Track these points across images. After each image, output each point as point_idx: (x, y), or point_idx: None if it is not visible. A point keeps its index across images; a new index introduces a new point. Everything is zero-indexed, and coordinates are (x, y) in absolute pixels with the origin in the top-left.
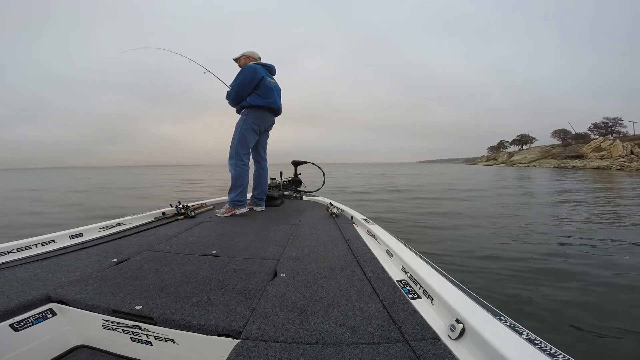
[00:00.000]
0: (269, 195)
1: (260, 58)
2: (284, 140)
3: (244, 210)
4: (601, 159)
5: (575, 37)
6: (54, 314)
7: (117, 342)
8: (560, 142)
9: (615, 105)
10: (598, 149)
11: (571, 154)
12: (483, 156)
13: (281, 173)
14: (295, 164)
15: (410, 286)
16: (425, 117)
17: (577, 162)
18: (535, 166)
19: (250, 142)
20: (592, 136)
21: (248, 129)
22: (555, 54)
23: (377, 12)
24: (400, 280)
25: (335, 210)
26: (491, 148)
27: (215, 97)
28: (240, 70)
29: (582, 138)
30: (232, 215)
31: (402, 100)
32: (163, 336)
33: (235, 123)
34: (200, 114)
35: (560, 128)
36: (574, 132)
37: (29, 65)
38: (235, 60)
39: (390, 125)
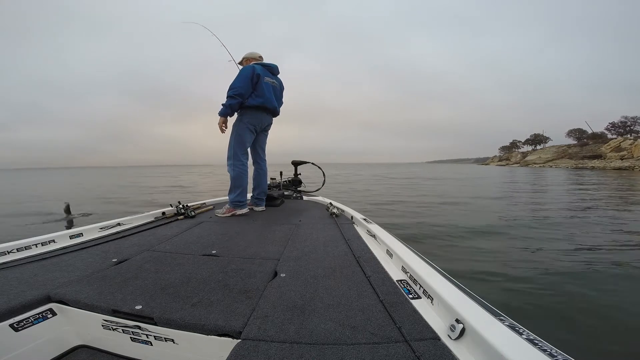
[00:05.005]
0: (269, 195)
1: (261, 57)
2: (283, 140)
3: (244, 210)
4: (622, 159)
5: (568, 27)
6: (54, 314)
7: (117, 342)
8: (576, 142)
9: (620, 100)
10: (618, 149)
11: (589, 154)
12: (495, 156)
13: (281, 173)
14: (295, 164)
15: (410, 286)
16: (425, 117)
17: (596, 163)
18: (551, 166)
19: (247, 142)
20: (609, 136)
21: (244, 129)
22: (548, 45)
23: (351, 7)
24: (400, 280)
25: (335, 210)
26: (503, 148)
27: (211, 96)
28: (239, 72)
29: (600, 138)
30: (233, 215)
31: (400, 100)
32: (163, 336)
33: (232, 123)
34: (200, 114)
35: (575, 127)
36: (590, 132)
37: (24, 68)
38: (240, 64)
39: (391, 125)
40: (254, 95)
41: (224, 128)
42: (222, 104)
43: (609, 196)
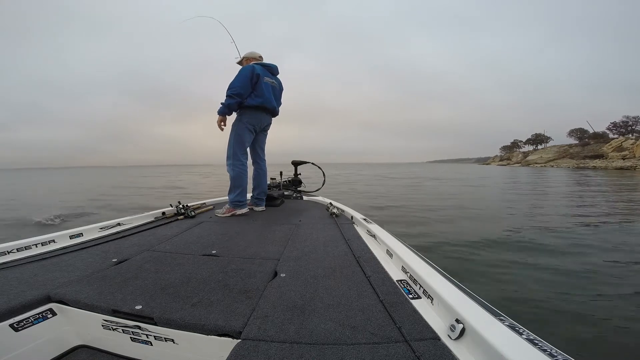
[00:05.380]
0: (269, 195)
1: (261, 57)
2: (283, 140)
3: (244, 210)
4: (623, 159)
5: (568, 26)
6: (54, 314)
7: (117, 342)
8: (578, 142)
9: (620, 100)
10: (619, 148)
11: (590, 154)
12: (496, 156)
13: (281, 173)
14: (295, 164)
15: (410, 286)
16: (426, 117)
17: (598, 162)
18: (552, 166)
19: (246, 141)
20: (610, 135)
21: (243, 129)
22: (548, 45)
23: (352, 7)
24: (400, 280)
25: (335, 210)
26: (504, 148)
27: (211, 96)
28: (239, 71)
29: (601, 137)
30: (232, 215)
31: (400, 100)
32: (163, 336)
33: (231, 123)
34: (200, 114)
35: (576, 127)
36: (592, 131)
37: (25, 69)
38: (240, 64)
39: (391, 125)
40: (254, 95)
41: (222, 126)
42: (221, 103)
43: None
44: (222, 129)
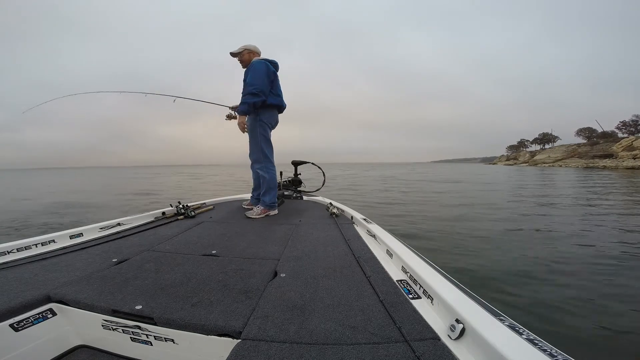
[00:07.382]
0: None
1: (260, 53)
2: (283, 141)
3: (276, 212)
4: (634, 158)
5: (572, 24)
6: (54, 314)
7: (117, 342)
8: (586, 141)
9: (627, 98)
10: (630, 147)
11: (599, 153)
12: (502, 155)
13: (281, 173)
14: (295, 164)
15: (410, 286)
16: (429, 116)
17: (608, 162)
18: (560, 166)
19: (271, 141)
20: (620, 135)
21: (266, 129)
22: (551, 43)
23: (353, 6)
24: (400, 280)
25: (335, 210)
26: (511, 147)
27: (213, 97)
28: (253, 67)
29: (610, 137)
30: (267, 216)
31: (403, 99)
32: (163, 336)
33: (248, 125)
34: (202, 115)
35: (584, 126)
36: (601, 130)
37: (24, 71)
38: (234, 54)
39: (394, 124)
40: (272, 94)
41: (245, 128)
42: (242, 102)
43: None
44: (244, 131)
